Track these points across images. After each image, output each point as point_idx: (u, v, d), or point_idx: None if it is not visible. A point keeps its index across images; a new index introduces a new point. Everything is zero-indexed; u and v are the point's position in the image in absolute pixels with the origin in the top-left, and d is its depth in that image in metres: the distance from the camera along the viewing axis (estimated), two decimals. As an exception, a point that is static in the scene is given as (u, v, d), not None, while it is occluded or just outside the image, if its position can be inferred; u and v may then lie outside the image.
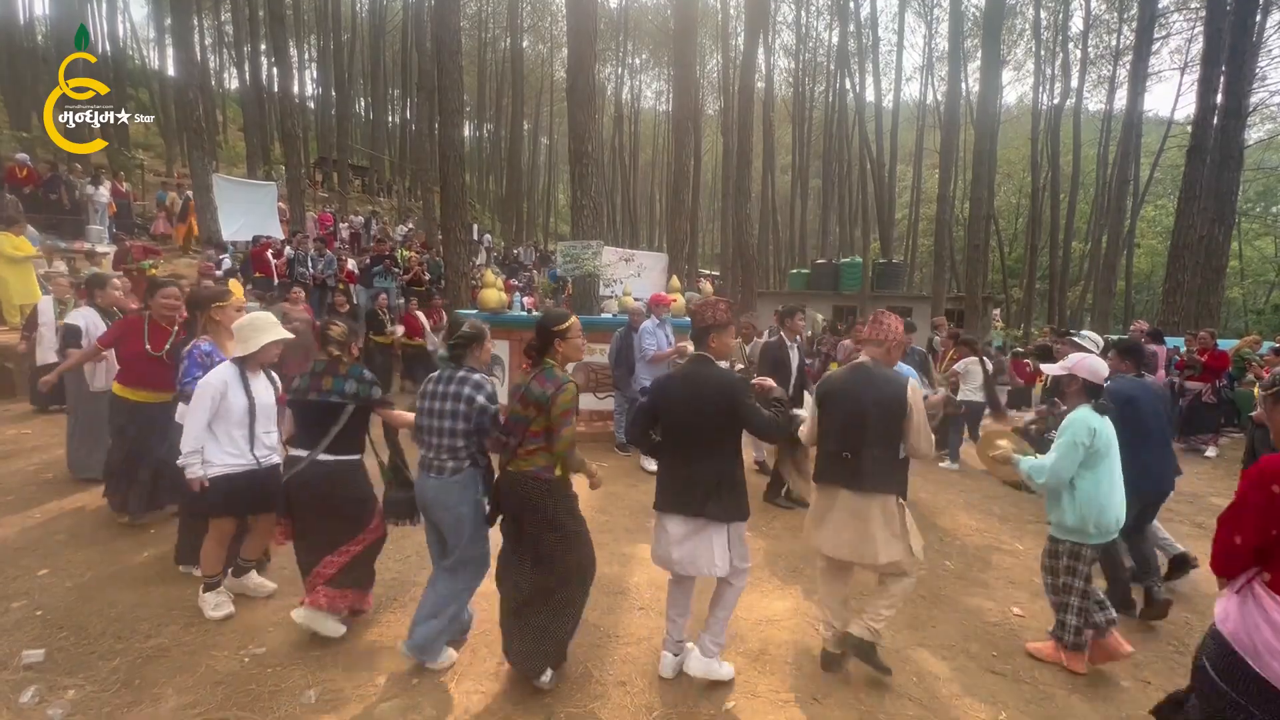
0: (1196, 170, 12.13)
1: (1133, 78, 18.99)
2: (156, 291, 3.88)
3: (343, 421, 2.80)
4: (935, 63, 29.92)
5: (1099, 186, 25.23)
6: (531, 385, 2.51)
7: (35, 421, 6.44)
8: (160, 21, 26.72)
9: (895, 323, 2.85)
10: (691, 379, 2.61)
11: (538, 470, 2.51)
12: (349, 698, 2.52)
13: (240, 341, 3.03)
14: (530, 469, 2.51)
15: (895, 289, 19.74)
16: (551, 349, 2.59)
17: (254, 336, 3.02)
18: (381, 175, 29.23)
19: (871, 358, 2.81)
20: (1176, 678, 2.94)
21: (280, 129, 19.39)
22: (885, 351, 2.82)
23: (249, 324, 3.07)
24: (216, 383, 2.93)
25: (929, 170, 32.56)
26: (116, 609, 3.07)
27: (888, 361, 2.82)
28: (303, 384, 2.83)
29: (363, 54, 32.83)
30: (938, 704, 2.67)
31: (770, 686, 2.71)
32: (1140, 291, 29.81)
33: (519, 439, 2.52)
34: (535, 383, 2.51)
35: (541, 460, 2.51)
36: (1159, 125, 26.93)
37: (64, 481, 4.78)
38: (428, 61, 19.95)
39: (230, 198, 13.51)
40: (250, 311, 3.45)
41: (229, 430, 2.96)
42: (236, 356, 3.03)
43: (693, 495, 2.53)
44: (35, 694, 2.44)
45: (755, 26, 18.15)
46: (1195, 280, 12.02)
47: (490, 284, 7.41)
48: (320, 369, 2.84)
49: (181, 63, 14.09)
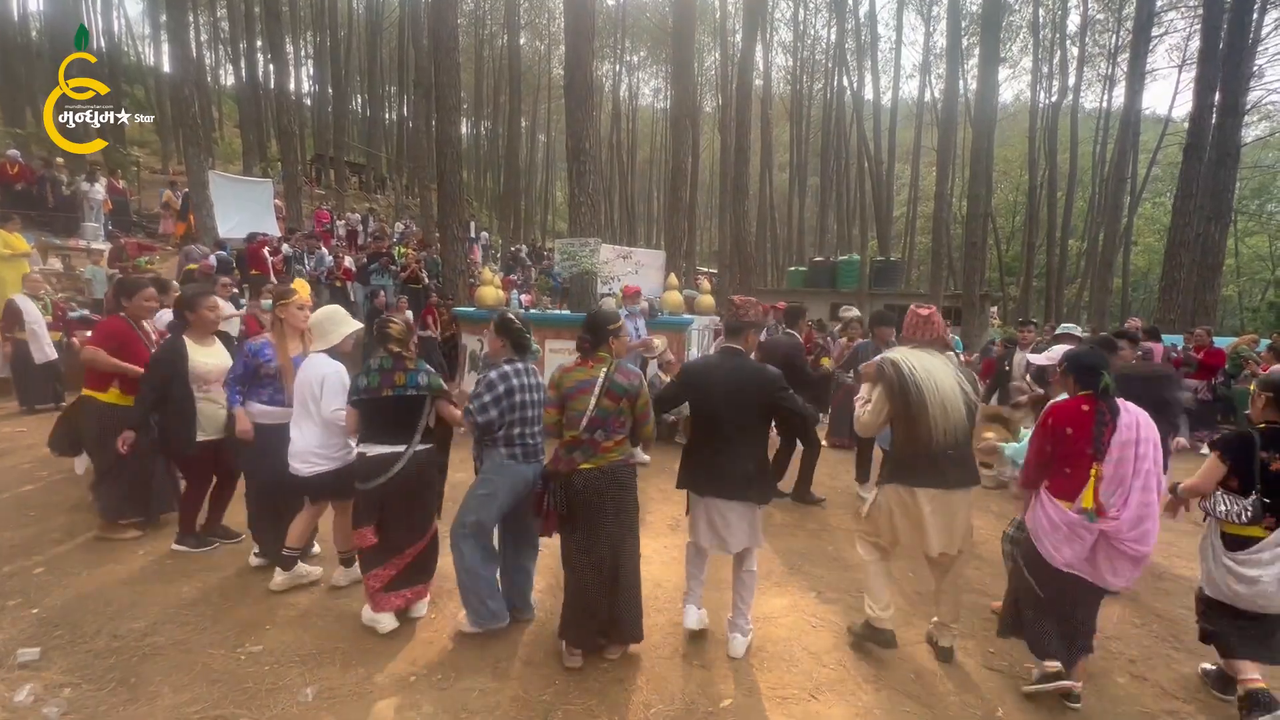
0: (1193, 168, 12.16)
1: (1130, 75, 19.01)
2: (135, 292, 3.80)
3: (426, 413, 2.88)
4: (934, 61, 29.91)
5: (1096, 184, 25.28)
6: (616, 379, 2.64)
7: (27, 420, 6.41)
8: (155, 17, 26.55)
9: (940, 317, 2.95)
10: (733, 370, 2.78)
11: (625, 457, 2.72)
12: (346, 695, 2.51)
13: (320, 336, 3.11)
14: (619, 458, 2.68)
15: (893, 287, 19.75)
16: (606, 344, 2.74)
17: (334, 329, 3.10)
18: (378, 172, 29.14)
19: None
20: (1173, 673, 2.96)
21: (277, 126, 19.36)
22: (943, 347, 2.91)
23: (327, 317, 3.12)
24: (338, 372, 3.07)
25: (927, 168, 32.56)
26: (113, 607, 3.06)
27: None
28: (371, 381, 2.83)
29: (359, 51, 32.70)
30: (935, 700, 2.67)
31: (768, 683, 2.72)
32: (1137, 289, 29.88)
33: (608, 432, 2.61)
34: (619, 376, 2.66)
35: (626, 448, 2.72)
36: (1157, 123, 26.98)
37: (60, 480, 4.76)
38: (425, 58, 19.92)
39: (226, 195, 13.47)
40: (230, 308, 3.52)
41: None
42: (320, 349, 3.10)
43: (735, 480, 2.74)
44: (31, 692, 2.43)
45: (754, 24, 18.13)
46: (1191, 278, 12.05)
47: (488, 281, 7.41)
48: (389, 365, 2.86)
49: (177, 59, 14.02)
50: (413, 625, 3.04)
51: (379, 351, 2.92)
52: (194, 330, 3.55)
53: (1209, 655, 2.91)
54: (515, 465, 2.83)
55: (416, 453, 2.86)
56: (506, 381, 2.78)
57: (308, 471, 3.06)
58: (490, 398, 2.75)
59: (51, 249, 10.30)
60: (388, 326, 2.93)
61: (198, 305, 3.55)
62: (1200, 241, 11.96)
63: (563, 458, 2.64)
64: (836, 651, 3.00)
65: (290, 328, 3.37)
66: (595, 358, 2.72)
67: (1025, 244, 25.91)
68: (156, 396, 3.40)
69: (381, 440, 2.84)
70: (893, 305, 17.85)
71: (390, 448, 2.82)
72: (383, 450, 2.83)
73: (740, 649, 2.89)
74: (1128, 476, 2.45)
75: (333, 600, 3.23)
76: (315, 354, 3.12)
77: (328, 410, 3.02)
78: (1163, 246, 16.08)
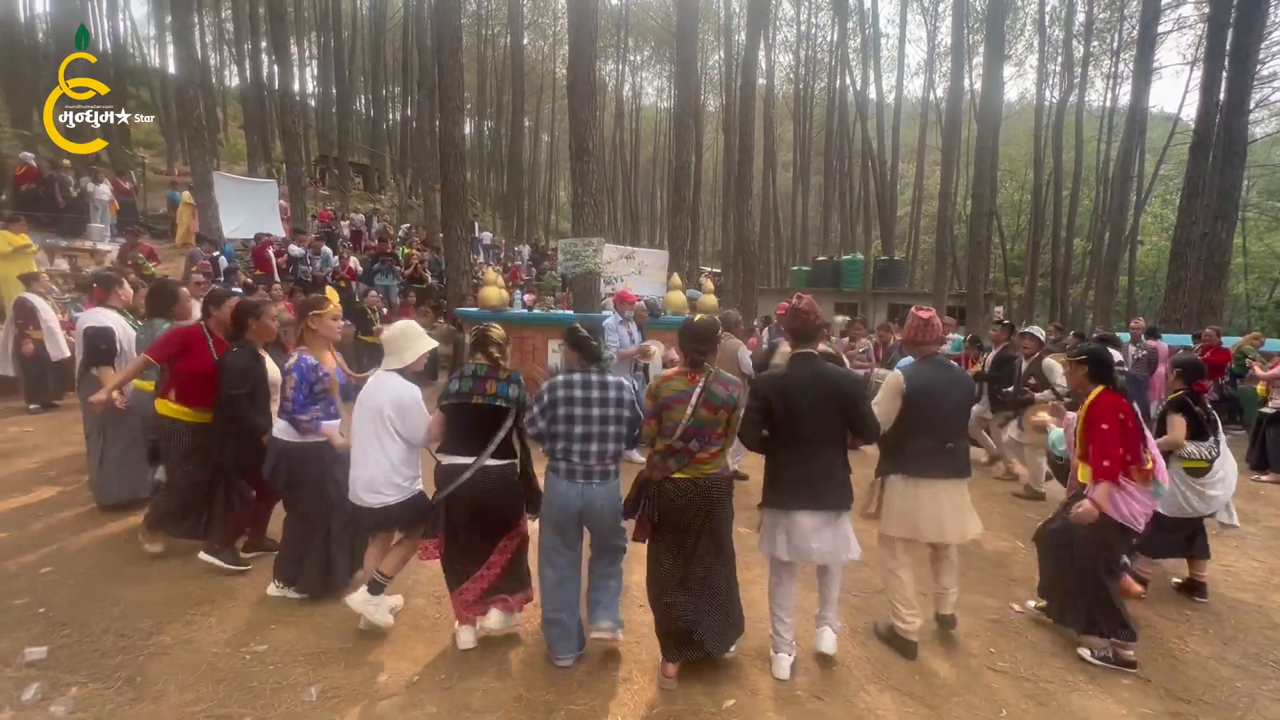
0: (1199, 166, 12.09)
1: (1136, 73, 18.89)
2: (222, 303, 3.57)
3: (506, 427, 2.72)
4: (938, 59, 29.83)
5: (1102, 183, 25.14)
6: (714, 389, 2.56)
7: (34, 420, 6.45)
8: (160, 19, 26.71)
9: (939, 319, 3.10)
10: (815, 377, 2.68)
11: (721, 471, 2.63)
12: (350, 695, 2.53)
13: (394, 353, 2.90)
14: (715, 471, 2.60)
15: (897, 286, 19.70)
16: (712, 354, 2.70)
17: (408, 347, 2.89)
18: (382, 173, 29.21)
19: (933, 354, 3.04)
20: (1178, 675, 2.95)
21: (281, 127, 19.40)
22: (940, 347, 3.06)
23: (400, 334, 2.92)
24: (416, 396, 2.86)
25: (931, 167, 32.45)
26: (119, 606, 3.08)
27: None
28: (462, 387, 2.71)
29: (363, 51, 32.77)
30: (938, 701, 2.67)
31: (771, 684, 2.72)
32: (1144, 288, 29.69)
33: (703, 443, 2.55)
34: (717, 386, 2.58)
35: (722, 460, 2.63)
36: (1166, 121, 26.82)
37: (67, 480, 4.79)
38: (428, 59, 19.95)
39: (231, 195, 13.53)
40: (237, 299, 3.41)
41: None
42: (392, 369, 2.89)
43: (828, 489, 2.69)
44: (38, 691, 2.45)
45: (757, 23, 18.11)
46: (1197, 277, 11.98)
47: (491, 281, 7.42)
48: (483, 373, 2.74)
49: (182, 60, 14.08)
50: (412, 626, 3.05)
51: (476, 356, 2.80)
52: (254, 337, 3.41)
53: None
54: (555, 481, 2.71)
55: (488, 467, 2.69)
56: (553, 392, 2.67)
57: (377, 503, 2.85)
58: (538, 409, 2.69)
59: (58, 250, 10.35)
60: (489, 331, 2.81)
61: (261, 313, 3.40)
62: (1206, 240, 11.89)
63: (657, 464, 2.59)
64: (840, 652, 2.99)
65: (323, 339, 3.17)
66: (697, 368, 2.63)
67: (1030, 243, 25.79)
68: (247, 404, 3.25)
69: (457, 450, 2.73)
70: (896, 305, 17.82)
71: (462, 458, 2.71)
72: (455, 460, 2.72)
73: (831, 644, 2.88)
74: (1150, 444, 3.02)
75: (337, 602, 3.23)
76: (386, 373, 2.90)
77: (419, 437, 2.84)
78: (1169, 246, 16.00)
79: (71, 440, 5.69)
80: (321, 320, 3.13)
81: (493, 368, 2.76)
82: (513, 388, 2.75)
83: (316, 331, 3.14)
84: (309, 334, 3.12)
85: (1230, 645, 3.25)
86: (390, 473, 2.83)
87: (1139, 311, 22.31)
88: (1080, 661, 3.00)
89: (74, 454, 5.35)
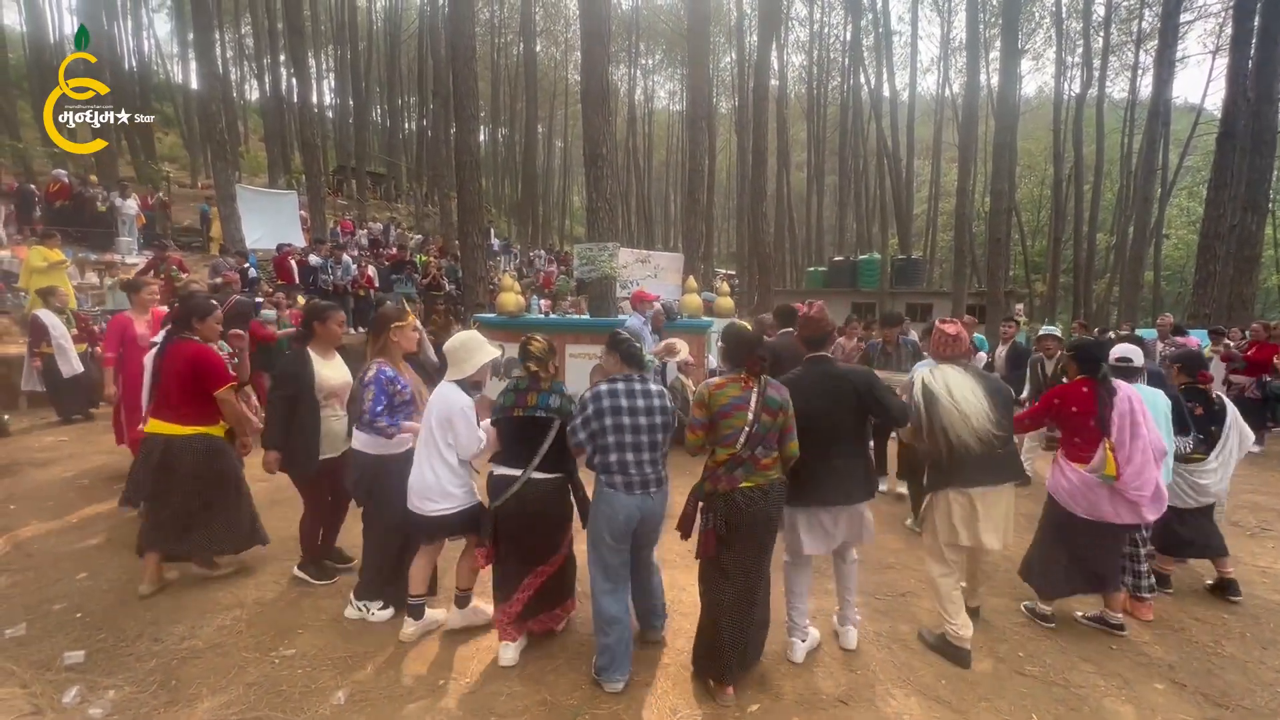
0: (1227, 157, 11.80)
1: (1158, 63, 18.55)
2: (327, 316, 3.42)
3: (551, 437, 2.71)
4: (952, 54, 29.54)
5: (1125, 177, 24.66)
6: (770, 393, 2.56)
7: (67, 430, 6.62)
8: (183, 36, 27.39)
9: (966, 333, 3.18)
10: (824, 377, 2.80)
11: (782, 477, 2.62)
12: (377, 698, 2.56)
13: (455, 364, 2.86)
14: (776, 477, 2.59)
15: (915, 285, 19.52)
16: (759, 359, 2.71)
17: (469, 358, 2.85)
18: (399, 182, 29.60)
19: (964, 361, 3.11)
20: (1215, 679, 2.87)
21: (300, 138, 19.75)
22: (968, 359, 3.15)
23: (461, 345, 2.89)
24: (465, 408, 2.81)
25: (948, 164, 32.11)
26: (152, 611, 3.15)
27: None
28: (507, 400, 2.74)
29: (379, 63, 33.30)
30: (967, 706, 2.63)
31: (795, 689, 2.70)
32: (1171, 283, 29.05)
33: (767, 449, 2.56)
34: (772, 390, 2.58)
35: (779, 465, 2.62)
36: (1189, 112, 26.26)
37: (99, 488, 4.92)
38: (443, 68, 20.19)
39: (253, 207, 13.81)
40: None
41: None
42: (452, 379, 2.86)
43: (852, 486, 2.79)
44: (77, 694, 2.52)
45: (768, 24, 18.07)
46: (1227, 270, 11.69)
47: (508, 288, 7.47)
48: (524, 385, 2.75)
49: (204, 76, 14.43)
50: (438, 630, 3.08)
51: (518, 369, 2.82)
52: (319, 343, 3.36)
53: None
54: (614, 495, 2.63)
55: (535, 480, 2.69)
56: (598, 401, 2.62)
57: (432, 511, 2.83)
58: (580, 419, 2.64)
59: (88, 264, 10.64)
60: (529, 344, 2.80)
61: (326, 318, 3.38)
62: (1236, 233, 11.60)
63: (723, 475, 2.53)
64: (865, 655, 2.97)
65: (400, 351, 3.18)
66: (747, 374, 2.60)
67: (1051, 239, 25.38)
68: (287, 411, 3.19)
69: (507, 462, 2.74)
70: (914, 304, 17.63)
71: (511, 470, 2.71)
72: (505, 472, 2.74)
73: (854, 640, 2.96)
74: (1127, 441, 2.98)
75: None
76: (446, 384, 2.86)
77: (470, 450, 2.81)
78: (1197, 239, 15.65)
79: (102, 449, 5.84)
80: (403, 332, 3.14)
81: (534, 379, 2.76)
82: (554, 398, 2.73)
83: (397, 344, 3.13)
84: (390, 346, 3.12)
85: (1270, 649, 3.15)
86: (443, 482, 2.81)
87: (1165, 307, 21.84)
88: (1113, 667, 2.94)
89: (105, 463, 5.49)
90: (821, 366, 2.84)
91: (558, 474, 2.76)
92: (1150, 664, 2.99)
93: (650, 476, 2.65)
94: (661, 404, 2.68)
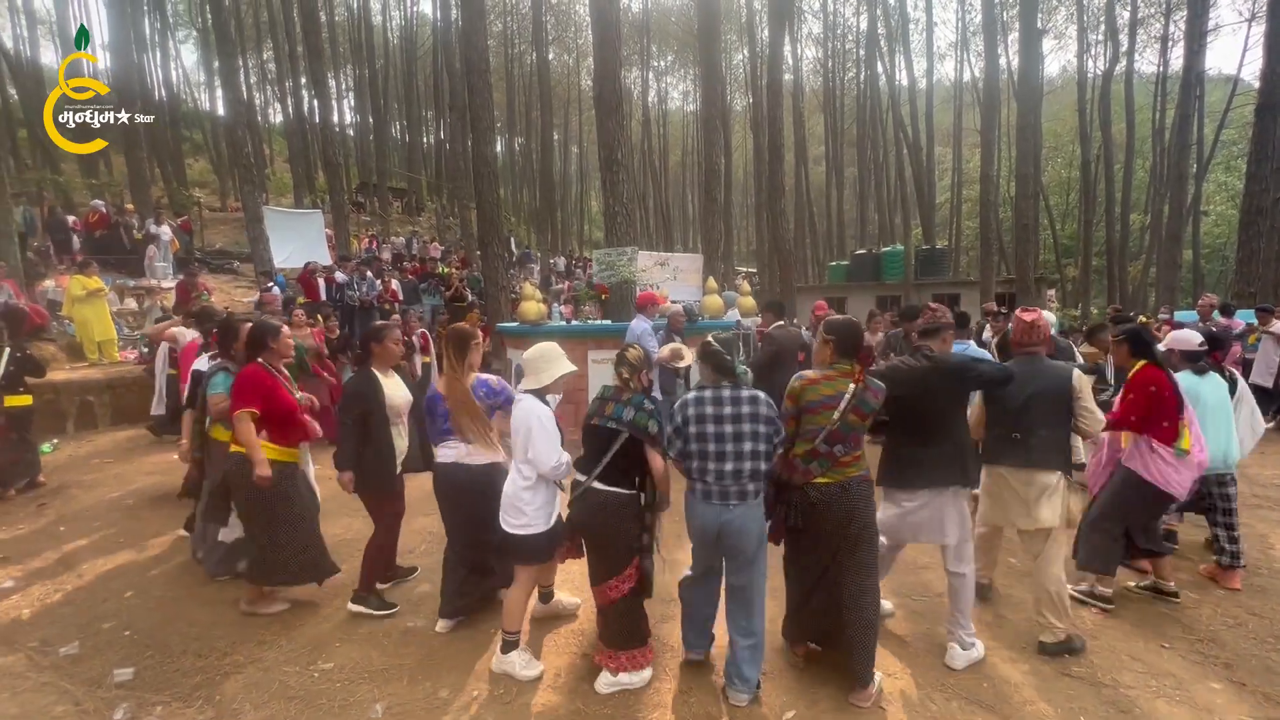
0: (1267, 129, 11.31)
1: (1189, 34, 17.87)
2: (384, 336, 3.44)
3: (614, 450, 2.61)
4: (970, 38, 28.92)
5: (1157, 154, 23.83)
6: (867, 397, 2.55)
7: (112, 452, 6.85)
8: (209, 64, 28.22)
9: (1045, 320, 3.21)
10: (930, 368, 2.82)
11: (864, 474, 2.63)
12: (414, 711, 2.59)
13: (533, 374, 2.82)
14: (857, 474, 2.59)
15: (940, 275, 19.15)
16: (857, 356, 2.71)
17: (548, 369, 2.82)
18: (420, 195, 30.09)
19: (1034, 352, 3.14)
20: (1274, 678, 2.74)
21: (323, 158, 20.23)
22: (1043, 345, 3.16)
23: (540, 355, 2.85)
24: (543, 418, 2.74)
25: (970, 150, 31.44)
26: (196, 628, 3.24)
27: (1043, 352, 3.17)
28: (592, 407, 2.73)
29: (396, 80, 33.92)
30: (1010, 709, 2.55)
31: (830, 694, 2.65)
32: (1211, 261, 28.00)
33: (847, 448, 2.55)
34: (869, 394, 2.57)
35: (863, 463, 2.63)
36: (1225, 83, 25.27)
37: (142, 508, 5.09)
38: (458, 82, 20.46)
39: (280, 227, 14.17)
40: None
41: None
42: (530, 389, 2.81)
43: (951, 466, 2.79)
44: (127, 711, 2.59)
45: (780, 18, 17.91)
46: (1271, 246, 11.22)
47: (529, 296, 7.52)
48: (608, 394, 2.71)
49: (229, 102, 14.85)
50: (472, 640, 3.10)
51: (613, 376, 2.80)
52: (378, 361, 3.38)
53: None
54: (693, 502, 2.63)
55: (591, 490, 2.64)
56: (684, 410, 2.59)
57: (510, 529, 2.76)
58: (672, 429, 2.62)
59: (127, 290, 11.03)
60: (625, 353, 2.77)
61: (384, 336, 3.42)
62: (1279, 207, 11.12)
63: (799, 468, 2.56)
64: (903, 659, 2.90)
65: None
66: (841, 370, 2.60)
67: (1082, 221, 24.64)
68: (359, 432, 3.20)
69: (583, 469, 2.72)
70: (940, 295, 17.28)
71: (581, 476, 2.71)
72: (577, 477, 2.74)
73: (961, 661, 2.83)
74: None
75: (398, 618, 3.32)
76: (524, 394, 2.82)
77: (546, 465, 2.68)
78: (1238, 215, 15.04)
79: (145, 469, 6.05)
80: (480, 347, 3.27)
81: (619, 389, 2.72)
82: (628, 410, 2.60)
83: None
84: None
85: (1334, 644, 3.00)
86: (517, 497, 2.75)
87: (1207, 287, 21.04)
88: (1165, 666, 2.83)
89: (149, 483, 5.68)
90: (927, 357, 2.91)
91: (620, 489, 2.65)
92: (1205, 662, 2.87)
93: (730, 488, 2.53)
94: (753, 412, 2.54)
